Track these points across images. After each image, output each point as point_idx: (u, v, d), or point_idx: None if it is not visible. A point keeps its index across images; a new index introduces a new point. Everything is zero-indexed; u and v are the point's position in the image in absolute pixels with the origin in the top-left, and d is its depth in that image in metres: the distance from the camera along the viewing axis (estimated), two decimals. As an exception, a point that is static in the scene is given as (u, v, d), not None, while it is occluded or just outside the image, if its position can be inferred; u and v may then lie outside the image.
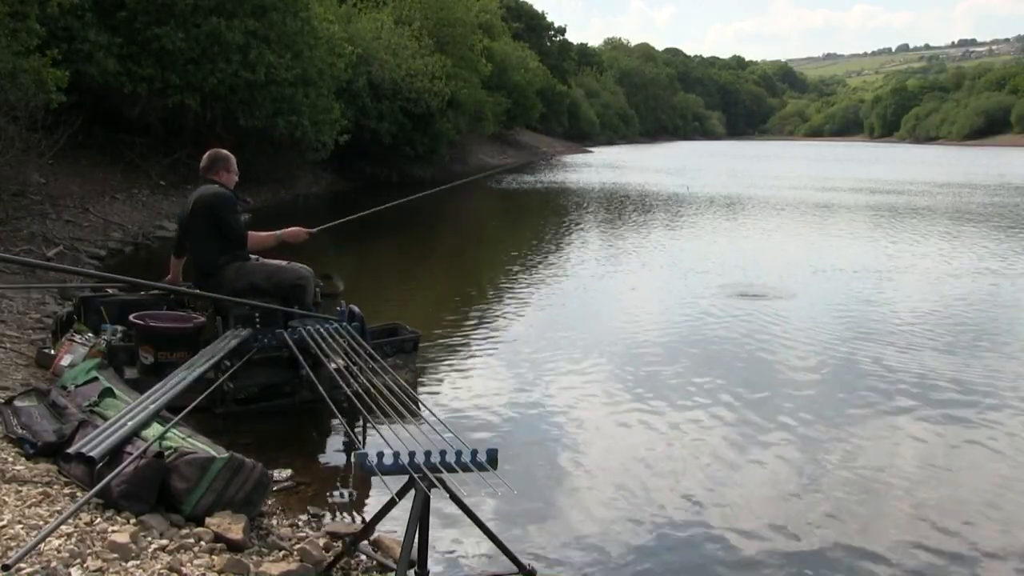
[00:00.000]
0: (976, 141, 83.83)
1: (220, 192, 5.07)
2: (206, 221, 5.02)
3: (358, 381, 3.97)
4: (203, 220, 5.03)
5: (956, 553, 3.53)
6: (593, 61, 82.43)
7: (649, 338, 7.06)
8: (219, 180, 5.17)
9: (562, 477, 4.27)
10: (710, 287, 9.25)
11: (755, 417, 5.10)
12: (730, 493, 4.08)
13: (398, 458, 2.82)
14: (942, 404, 5.40)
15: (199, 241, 5.08)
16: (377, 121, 21.89)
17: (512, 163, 34.93)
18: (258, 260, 5.19)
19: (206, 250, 5.05)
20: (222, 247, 5.01)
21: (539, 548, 3.47)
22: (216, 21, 14.48)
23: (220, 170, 5.20)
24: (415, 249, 12.79)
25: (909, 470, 4.39)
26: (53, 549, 2.77)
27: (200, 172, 5.26)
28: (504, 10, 45.87)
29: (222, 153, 5.29)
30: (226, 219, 5.00)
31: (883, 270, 10.73)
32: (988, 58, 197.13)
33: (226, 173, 5.22)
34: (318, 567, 3.05)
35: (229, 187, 5.20)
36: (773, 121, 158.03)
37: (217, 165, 5.21)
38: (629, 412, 5.23)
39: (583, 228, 15.97)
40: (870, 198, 22.60)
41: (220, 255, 5.01)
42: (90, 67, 12.91)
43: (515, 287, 9.30)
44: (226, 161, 5.24)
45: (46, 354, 5.31)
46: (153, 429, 3.56)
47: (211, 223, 5.01)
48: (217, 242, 5.01)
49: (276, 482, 3.90)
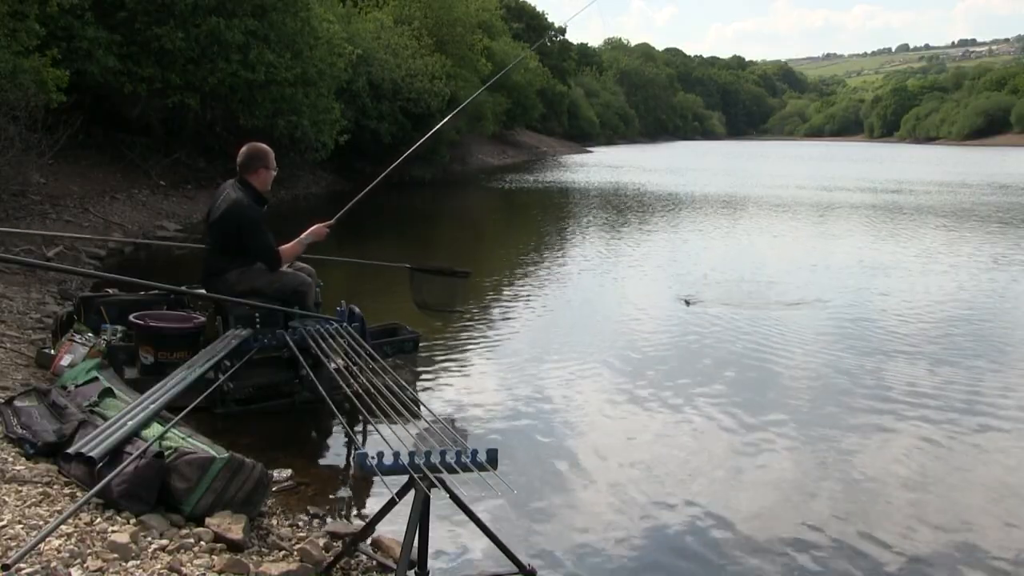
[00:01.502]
0: (976, 141, 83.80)
1: (246, 212, 4.85)
2: (229, 234, 4.91)
3: (358, 381, 3.97)
4: (226, 232, 4.92)
5: (957, 557, 3.53)
6: (593, 61, 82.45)
7: (649, 338, 7.06)
8: (254, 181, 4.99)
9: (562, 477, 4.27)
10: (711, 289, 9.25)
11: (755, 419, 5.09)
12: (730, 493, 4.08)
13: (398, 458, 2.82)
14: (944, 408, 5.39)
15: (214, 245, 5.02)
16: (377, 121, 21.89)
17: (511, 163, 34.88)
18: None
19: (218, 253, 5.00)
20: (234, 257, 4.94)
21: (539, 548, 3.47)
22: (216, 21, 14.48)
23: (259, 168, 4.99)
24: (415, 249, 12.78)
25: (910, 473, 4.38)
26: (53, 549, 2.77)
27: (237, 169, 5.03)
28: (504, 10, 45.85)
29: (261, 148, 5.05)
30: (255, 242, 4.87)
31: (884, 272, 10.73)
32: (988, 58, 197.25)
33: (265, 170, 5.02)
34: (318, 567, 3.05)
35: (266, 186, 5.05)
36: (773, 121, 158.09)
37: (256, 163, 4.98)
38: (629, 412, 5.23)
39: (583, 228, 15.97)
40: (875, 197, 22.59)
41: (229, 260, 4.95)
42: (90, 65, 12.91)
43: (515, 287, 9.30)
44: (265, 158, 5.01)
45: (46, 354, 5.31)
46: (153, 429, 3.56)
47: (234, 236, 4.90)
48: (231, 252, 4.93)
49: (276, 482, 3.90)
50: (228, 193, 4.98)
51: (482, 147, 37.59)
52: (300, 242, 5.20)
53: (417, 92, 23.13)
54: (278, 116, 16.00)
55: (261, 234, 4.92)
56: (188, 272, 6.82)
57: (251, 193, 4.98)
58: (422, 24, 27.61)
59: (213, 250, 5.04)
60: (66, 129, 11.02)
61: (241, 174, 5.03)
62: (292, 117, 16.23)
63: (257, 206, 4.96)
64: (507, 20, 45.91)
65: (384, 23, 25.14)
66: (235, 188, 5.00)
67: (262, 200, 5.04)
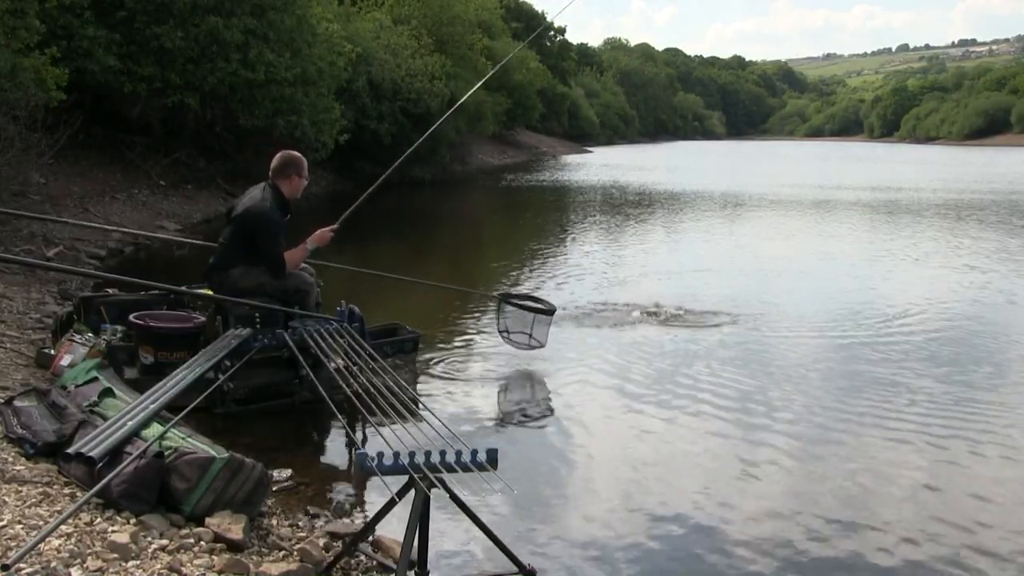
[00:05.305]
0: (976, 141, 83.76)
1: (265, 216, 4.93)
2: (243, 235, 4.97)
3: (358, 381, 3.98)
4: (241, 230, 4.98)
5: (959, 559, 3.53)
6: (593, 61, 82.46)
7: (649, 339, 7.05)
8: (284, 187, 5.06)
9: (562, 477, 4.27)
10: (712, 289, 9.25)
11: (756, 419, 5.09)
12: (730, 494, 4.07)
13: (398, 458, 2.82)
14: (945, 408, 5.39)
15: (229, 239, 5.06)
16: (377, 121, 21.90)
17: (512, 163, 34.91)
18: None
19: (229, 248, 5.04)
20: (242, 254, 4.97)
21: (539, 548, 3.47)
22: (215, 20, 14.48)
23: (292, 175, 5.09)
24: (415, 249, 12.79)
25: (912, 476, 4.38)
26: (53, 549, 2.77)
27: (270, 172, 5.10)
28: (504, 10, 45.85)
29: (296, 157, 5.15)
30: (265, 248, 4.93)
31: (884, 272, 10.73)
32: (988, 58, 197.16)
33: (297, 178, 5.11)
34: (318, 567, 3.05)
35: (295, 194, 5.12)
36: (773, 121, 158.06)
37: (289, 169, 5.08)
38: (630, 413, 5.23)
39: (584, 228, 15.98)
40: (875, 197, 22.59)
41: (238, 256, 4.98)
42: (90, 64, 12.91)
43: (515, 287, 9.28)
44: (299, 166, 5.11)
45: (46, 354, 5.31)
46: (153, 429, 3.56)
47: (248, 236, 4.96)
48: (241, 249, 4.97)
49: (276, 482, 3.90)
50: (255, 193, 5.08)
51: (482, 147, 37.58)
52: (304, 248, 5.22)
53: (417, 92, 23.14)
54: (278, 116, 16.00)
55: (274, 241, 4.97)
56: (188, 272, 6.83)
57: (278, 199, 5.04)
58: (420, 23, 27.61)
59: (225, 244, 5.08)
60: (66, 129, 11.02)
61: (273, 178, 5.09)
62: (292, 117, 16.23)
63: (279, 212, 5.01)
64: (506, 20, 45.90)
65: (383, 23, 25.13)
66: (263, 190, 5.07)
67: (286, 207, 5.09)
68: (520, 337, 6.21)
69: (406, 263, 10.59)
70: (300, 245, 5.19)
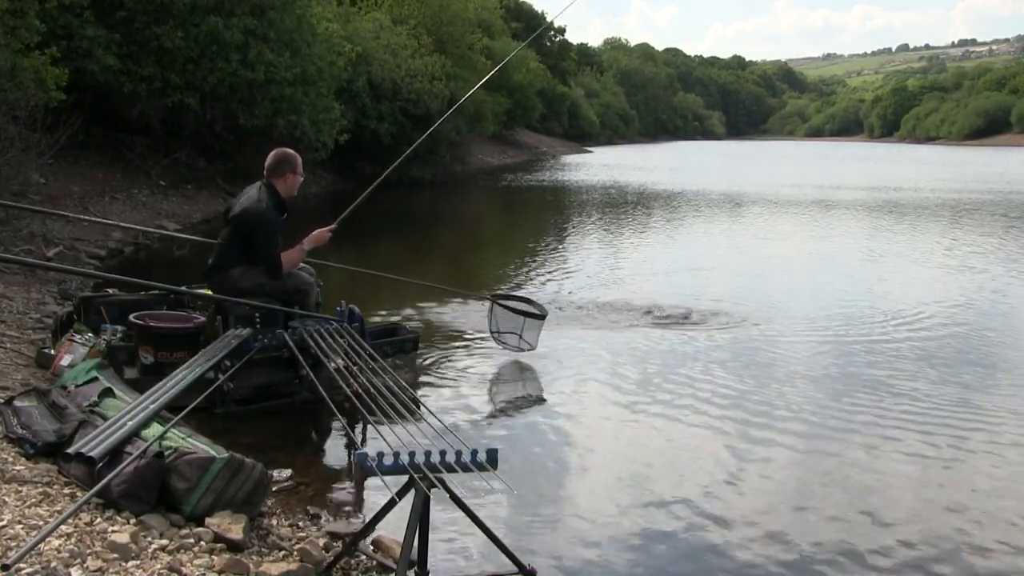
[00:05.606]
0: (976, 141, 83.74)
1: (261, 216, 4.94)
2: (241, 235, 4.98)
3: (358, 381, 3.98)
4: (239, 230, 4.98)
5: (958, 558, 3.53)
6: (593, 61, 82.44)
7: (649, 339, 7.05)
8: (279, 186, 5.06)
9: (562, 477, 4.27)
10: (711, 289, 9.25)
11: (756, 420, 5.09)
12: (730, 494, 4.07)
13: (398, 458, 2.82)
14: (945, 409, 5.39)
15: (228, 239, 5.06)
16: (377, 121, 21.91)
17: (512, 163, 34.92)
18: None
19: (227, 248, 5.05)
20: (241, 254, 4.98)
21: (539, 548, 3.46)
22: (215, 20, 14.48)
23: (287, 172, 5.09)
24: (415, 249, 12.79)
25: (911, 475, 4.39)
26: (53, 549, 2.77)
27: (264, 171, 5.10)
28: (504, 10, 45.86)
29: (289, 154, 5.15)
30: (262, 249, 4.94)
31: (884, 272, 10.73)
32: (988, 58, 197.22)
33: (292, 175, 5.11)
34: (318, 567, 3.05)
35: (291, 192, 5.13)
36: (773, 121, 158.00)
37: (283, 167, 5.08)
38: (630, 413, 5.23)
39: (583, 228, 15.98)
40: (875, 196, 22.59)
41: (237, 256, 4.98)
42: (89, 64, 12.91)
43: (515, 287, 9.28)
44: (293, 164, 5.12)
45: (46, 354, 5.31)
46: (153, 429, 3.56)
47: (246, 237, 4.97)
48: (240, 250, 4.98)
49: (276, 482, 3.90)
50: (251, 194, 5.08)
51: (482, 147, 37.58)
52: (301, 249, 5.21)
53: (417, 92, 23.15)
54: (278, 116, 16.00)
55: (271, 242, 4.97)
56: (188, 272, 6.82)
57: (274, 198, 5.04)
58: (420, 23, 27.60)
59: (224, 244, 5.08)
60: (66, 129, 11.01)
61: (268, 177, 5.09)
62: (292, 117, 16.23)
63: (275, 212, 5.01)
64: (506, 20, 45.91)
65: (383, 23, 25.13)
66: (259, 190, 5.07)
67: (283, 206, 5.09)
68: (511, 339, 6.27)
69: (406, 263, 10.60)
70: (297, 246, 5.19)
